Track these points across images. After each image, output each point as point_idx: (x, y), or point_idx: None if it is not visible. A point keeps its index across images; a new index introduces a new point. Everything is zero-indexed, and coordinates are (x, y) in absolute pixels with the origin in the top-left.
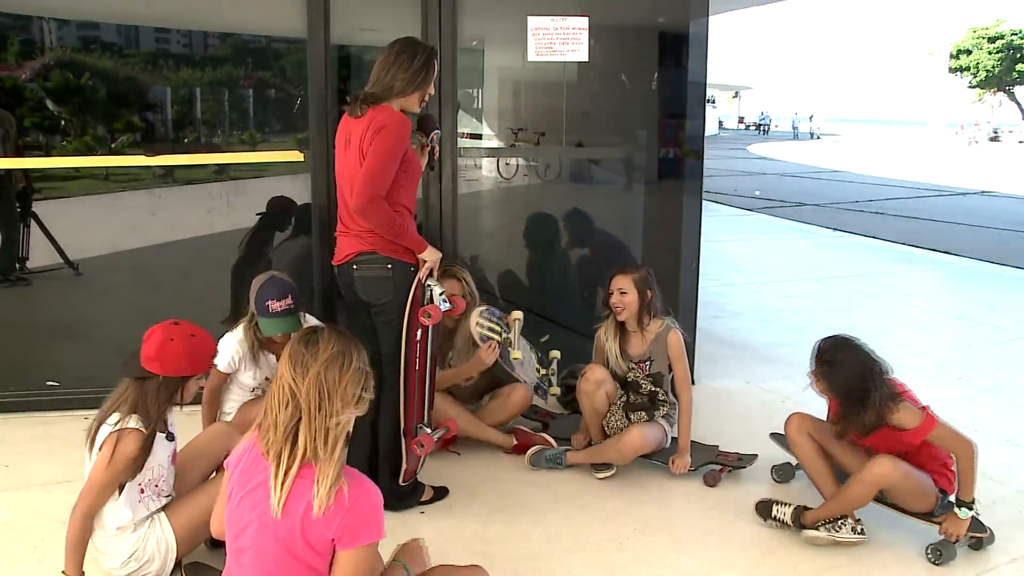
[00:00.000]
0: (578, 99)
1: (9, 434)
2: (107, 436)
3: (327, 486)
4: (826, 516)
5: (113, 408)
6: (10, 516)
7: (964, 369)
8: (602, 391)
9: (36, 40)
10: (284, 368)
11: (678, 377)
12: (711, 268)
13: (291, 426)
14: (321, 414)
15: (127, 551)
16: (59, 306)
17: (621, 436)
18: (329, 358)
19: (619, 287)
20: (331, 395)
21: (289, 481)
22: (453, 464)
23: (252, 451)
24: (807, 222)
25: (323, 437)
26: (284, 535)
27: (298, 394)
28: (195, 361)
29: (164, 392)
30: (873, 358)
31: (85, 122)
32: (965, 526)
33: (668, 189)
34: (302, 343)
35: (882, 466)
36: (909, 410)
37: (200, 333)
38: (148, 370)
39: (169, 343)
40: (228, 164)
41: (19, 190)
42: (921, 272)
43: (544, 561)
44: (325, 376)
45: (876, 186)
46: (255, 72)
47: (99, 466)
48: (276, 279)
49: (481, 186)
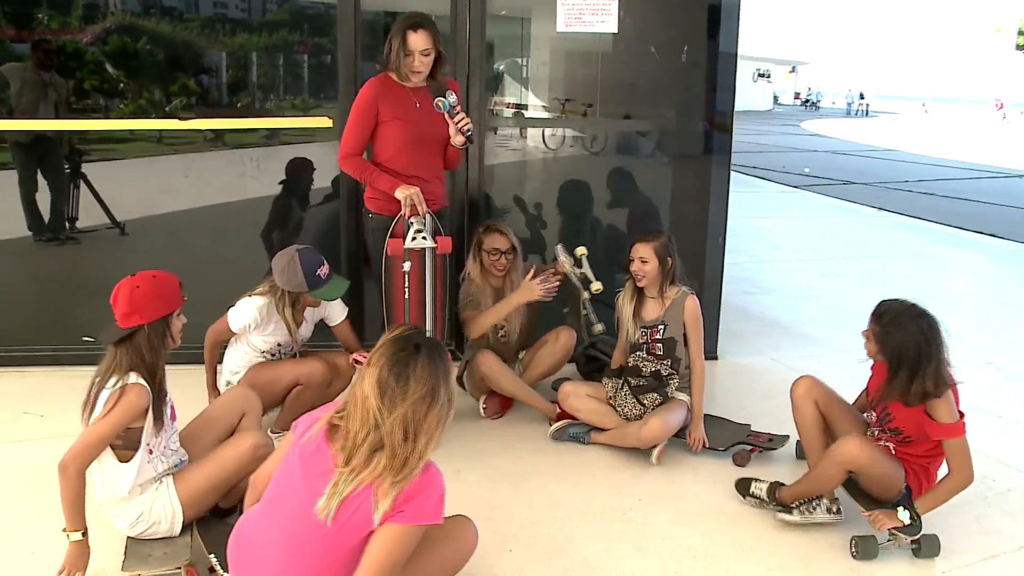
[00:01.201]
0: (619, 70)
1: (46, 386)
2: (109, 396)
3: (386, 506)
4: (799, 494)
5: (109, 374)
6: (43, 462)
7: (995, 354)
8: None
9: (98, 4)
10: (370, 393)
11: (693, 345)
12: (748, 244)
13: (368, 448)
14: (404, 448)
15: (135, 512)
16: (104, 265)
17: (643, 424)
18: (418, 399)
19: (640, 255)
20: (417, 433)
21: (345, 492)
22: (467, 430)
23: (322, 437)
24: (853, 200)
25: (400, 465)
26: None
27: (381, 426)
28: (168, 297)
29: (154, 338)
30: (940, 337)
31: (141, 85)
32: (892, 524)
33: (696, 162)
34: (392, 374)
35: (850, 445)
36: (950, 403)
37: (159, 273)
38: (129, 325)
39: (137, 290)
40: (278, 129)
41: (68, 152)
42: (962, 254)
43: (546, 527)
44: (412, 416)
45: (929, 166)
46: (310, 38)
47: (97, 419)
48: (306, 249)
49: (525, 156)
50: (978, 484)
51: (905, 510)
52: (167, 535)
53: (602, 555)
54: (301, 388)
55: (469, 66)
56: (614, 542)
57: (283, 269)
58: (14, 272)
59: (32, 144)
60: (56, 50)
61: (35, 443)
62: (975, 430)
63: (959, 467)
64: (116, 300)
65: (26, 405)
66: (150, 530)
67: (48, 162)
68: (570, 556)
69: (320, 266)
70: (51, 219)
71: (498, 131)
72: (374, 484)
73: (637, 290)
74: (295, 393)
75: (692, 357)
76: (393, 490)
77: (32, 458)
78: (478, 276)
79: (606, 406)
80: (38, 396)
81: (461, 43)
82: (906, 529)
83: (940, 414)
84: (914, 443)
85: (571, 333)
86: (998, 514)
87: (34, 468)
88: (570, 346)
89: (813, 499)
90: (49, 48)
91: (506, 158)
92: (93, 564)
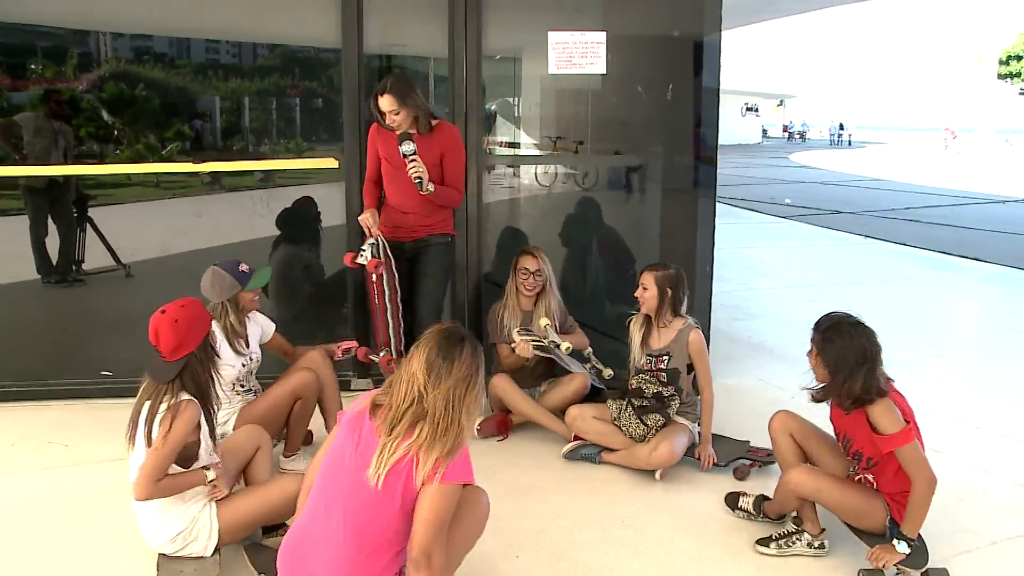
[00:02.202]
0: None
1: (68, 418)
2: (163, 416)
3: (426, 470)
4: (775, 511)
5: (161, 398)
6: (71, 488)
7: (976, 370)
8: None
9: (93, 53)
10: (418, 370)
11: (700, 374)
12: (737, 273)
13: (411, 417)
14: (444, 420)
15: (179, 527)
16: (112, 304)
17: (654, 449)
18: (460, 379)
19: (643, 282)
20: (456, 408)
21: (394, 459)
22: (475, 449)
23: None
24: (840, 229)
25: (441, 435)
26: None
27: (425, 399)
28: (203, 318)
29: (204, 359)
30: (875, 346)
31: (137, 131)
32: (896, 558)
33: (683, 195)
34: (441, 354)
35: (794, 473)
36: (892, 413)
37: (184, 300)
38: (180, 357)
39: (177, 324)
40: (272, 172)
41: (75, 197)
42: (947, 277)
43: (550, 535)
44: (454, 393)
45: (915, 194)
46: (302, 82)
47: (158, 441)
48: (221, 262)
49: (518, 193)
50: (956, 487)
51: (901, 540)
52: (199, 555)
53: (603, 559)
54: (301, 402)
55: (467, 106)
56: (613, 547)
57: (212, 283)
58: (28, 312)
59: (45, 189)
60: (68, 100)
61: (62, 470)
62: (955, 440)
63: (917, 473)
64: (159, 338)
65: (49, 436)
66: (186, 548)
67: (59, 207)
68: (572, 560)
69: (240, 264)
70: (59, 261)
71: (492, 169)
72: (419, 452)
73: (647, 319)
74: (296, 410)
75: (701, 385)
76: (433, 456)
77: (60, 483)
78: (513, 297)
79: (612, 426)
80: (60, 427)
81: (459, 82)
82: (911, 561)
83: (882, 424)
84: (881, 466)
85: (585, 381)
86: (973, 514)
87: (63, 491)
88: (581, 392)
89: (793, 533)
90: (60, 99)
91: (501, 195)
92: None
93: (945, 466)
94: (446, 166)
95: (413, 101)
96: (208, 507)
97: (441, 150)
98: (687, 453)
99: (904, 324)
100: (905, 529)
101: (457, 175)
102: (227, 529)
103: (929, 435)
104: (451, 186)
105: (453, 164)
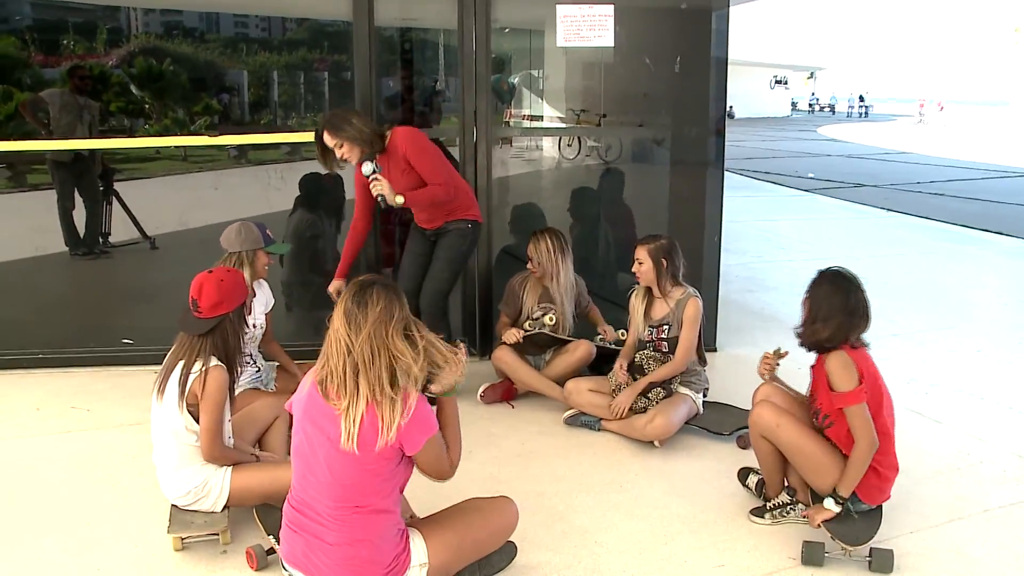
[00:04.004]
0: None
1: (91, 384)
2: (195, 380)
3: (393, 425)
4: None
5: (194, 359)
6: (93, 451)
7: (987, 343)
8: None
9: (122, 28)
10: (339, 323)
11: (682, 338)
12: (755, 245)
13: (351, 374)
14: (375, 366)
15: (194, 483)
16: (136, 276)
17: (649, 421)
18: (378, 319)
19: (637, 258)
20: (384, 348)
21: (358, 420)
22: (479, 416)
23: (315, 392)
24: (862, 202)
25: (380, 384)
26: (356, 457)
27: (353, 350)
28: (243, 286)
29: (237, 323)
30: (860, 306)
31: (166, 106)
32: (824, 515)
33: (691, 166)
34: (354, 302)
35: (756, 409)
36: (847, 369)
37: (227, 267)
38: (219, 314)
39: (222, 283)
40: (300, 146)
41: (101, 171)
42: (967, 251)
43: (548, 499)
44: (375, 335)
45: (942, 167)
46: (330, 55)
47: (204, 410)
48: (249, 221)
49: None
50: (954, 456)
51: (831, 498)
52: (209, 510)
53: (598, 521)
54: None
55: (476, 80)
56: (609, 511)
57: (238, 232)
58: (56, 284)
59: (71, 163)
60: (91, 75)
61: (84, 433)
62: (958, 410)
63: (860, 434)
64: (202, 292)
65: (73, 401)
66: (197, 503)
67: (85, 181)
68: (569, 522)
69: (266, 228)
70: (86, 234)
71: (508, 143)
72: (374, 405)
73: (648, 291)
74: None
75: (677, 351)
76: (390, 411)
77: (82, 447)
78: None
79: (607, 399)
80: (83, 393)
81: (468, 55)
82: (852, 534)
83: (835, 378)
84: (836, 427)
85: (590, 348)
86: (969, 482)
87: (84, 454)
88: (586, 360)
89: (787, 504)
90: (85, 74)
91: (522, 168)
92: (141, 529)
93: (945, 436)
94: (415, 166)
95: (350, 132)
96: (223, 472)
97: (402, 155)
98: (697, 424)
99: (917, 296)
100: (840, 487)
101: (429, 169)
102: (236, 496)
103: (931, 405)
104: (430, 183)
105: (419, 161)
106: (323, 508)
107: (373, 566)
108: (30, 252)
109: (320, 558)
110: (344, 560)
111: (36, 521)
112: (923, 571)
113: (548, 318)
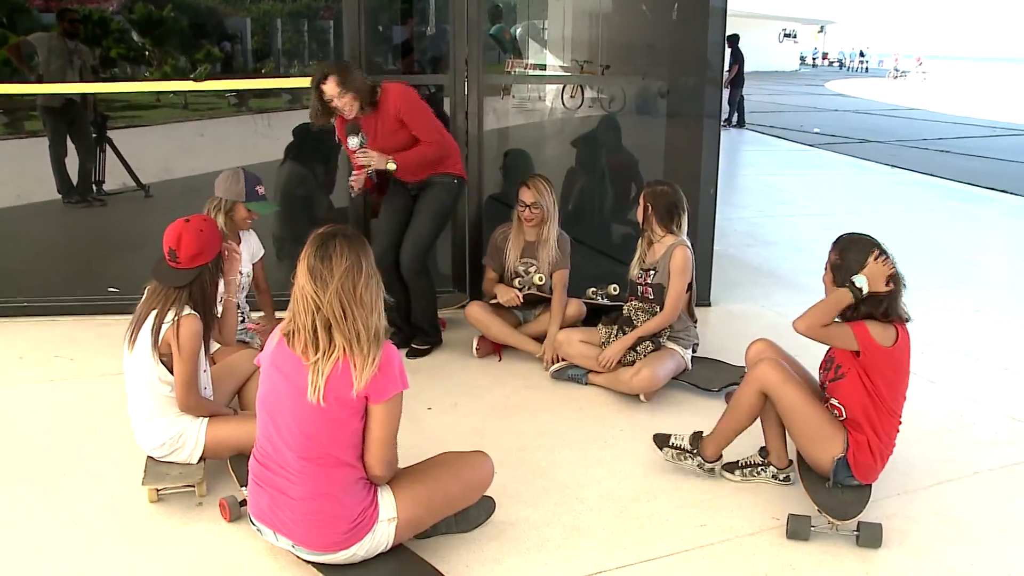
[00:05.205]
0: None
1: (75, 333)
2: (168, 331)
3: (366, 375)
4: (721, 439)
5: (168, 308)
6: (74, 400)
7: (985, 303)
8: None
9: None
10: (304, 282)
11: (670, 289)
12: (756, 200)
13: (322, 329)
14: (348, 321)
15: (169, 434)
16: (127, 223)
17: (635, 374)
18: (344, 273)
19: (640, 200)
20: (352, 303)
21: (326, 373)
22: (464, 368)
23: (282, 346)
24: (867, 158)
25: (356, 337)
26: (321, 408)
27: (322, 307)
28: (220, 236)
29: (215, 273)
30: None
31: (166, 52)
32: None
33: (687, 118)
34: (317, 258)
35: (761, 366)
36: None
37: (202, 215)
38: (198, 265)
39: (202, 233)
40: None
41: (93, 117)
42: (970, 209)
43: (531, 453)
44: (343, 290)
45: (949, 124)
46: (335, 3)
47: (177, 360)
48: (247, 170)
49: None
50: (946, 418)
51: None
52: (184, 462)
53: (580, 477)
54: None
55: (468, 27)
56: (592, 467)
57: (226, 178)
58: (45, 231)
59: (61, 109)
60: (81, 19)
61: (66, 383)
62: (952, 371)
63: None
64: (181, 243)
65: (57, 350)
66: (172, 455)
67: (76, 127)
68: (550, 478)
69: (259, 184)
70: (79, 182)
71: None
72: (347, 360)
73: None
74: None
75: (666, 303)
76: (361, 364)
77: (64, 396)
78: (517, 224)
79: (597, 350)
80: (68, 342)
81: (459, 2)
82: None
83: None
84: (846, 380)
85: (579, 306)
86: (959, 444)
87: (66, 404)
88: (575, 318)
89: (759, 464)
90: (74, 18)
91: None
92: (117, 480)
93: (938, 397)
94: (408, 124)
95: (354, 83)
96: (198, 424)
97: (395, 114)
98: (686, 380)
99: (917, 254)
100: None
101: (422, 127)
102: (211, 448)
103: (927, 366)
104: (423, 142)
105: (412, 118)
106: (286, 461)
107: (337, 520)
108: (22, 200)
109: (285, 513)
110: (307, 514)
111: (13, 470)
112: (907, 532)
113: (538, 277)
